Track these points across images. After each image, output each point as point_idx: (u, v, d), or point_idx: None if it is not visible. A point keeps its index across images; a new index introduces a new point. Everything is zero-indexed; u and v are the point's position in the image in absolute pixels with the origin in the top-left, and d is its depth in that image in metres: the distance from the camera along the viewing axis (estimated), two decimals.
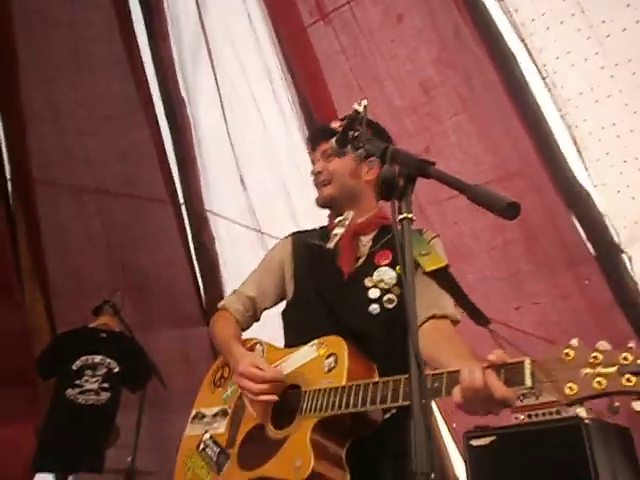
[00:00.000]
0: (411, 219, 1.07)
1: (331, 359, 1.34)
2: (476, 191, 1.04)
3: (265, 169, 4.42)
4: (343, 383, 1.28)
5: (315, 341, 1.40)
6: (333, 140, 1.37)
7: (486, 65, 3.50)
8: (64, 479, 3.52)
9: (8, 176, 4.68)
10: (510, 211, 1.00)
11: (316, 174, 1.64)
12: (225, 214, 4.51)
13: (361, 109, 1.30)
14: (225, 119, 4.54)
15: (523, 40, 3.39)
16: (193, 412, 1.58)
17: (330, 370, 1.33)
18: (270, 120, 4.47)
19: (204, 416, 1.53)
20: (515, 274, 3.60)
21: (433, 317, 1.44)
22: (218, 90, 4.54)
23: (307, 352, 1.40)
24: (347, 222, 1.59)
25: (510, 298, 3.62)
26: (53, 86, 4.50)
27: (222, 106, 4.53)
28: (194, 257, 4.66)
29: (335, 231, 1.59)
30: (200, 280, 4.70)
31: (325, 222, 1.78)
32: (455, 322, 1.46)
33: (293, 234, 1.74)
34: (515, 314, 3.56)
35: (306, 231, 1.78)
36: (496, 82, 3.48)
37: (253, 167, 4.48)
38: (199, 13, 4.50)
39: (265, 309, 1.70)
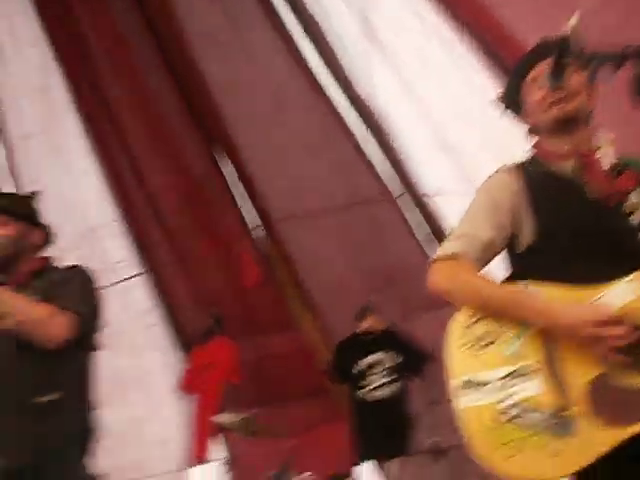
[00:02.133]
0: None
1: None
2: None
3: (462, 131, 4.29)
4: None
5: (632, 276, 1.29)
6: (547, 73, 1.30)
7: None
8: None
9: (258, 222, 5.40)
10: None
11: (558, 89, 1.45)
12: (439, 191, 4.50)
13: (574, 22, 1.19)
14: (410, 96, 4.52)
15: None
16: (458, 382, 1.38)
17: None
18: (455, 80, 4.32)
19: (484, 383, 1.35)
20: None
21: None
22: (393, 70, 4.53)
23: (624, 289, 1.28)
24: (609, 141, 1.47)
25: None
26: (260, 132, 5.02)
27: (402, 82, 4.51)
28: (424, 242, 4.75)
29: (601, 151, 1.46)
30: None
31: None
32: None
33: (510, 168, 1.56)
34: None
35: (518, 165, 1.59)
36: None
37: (451, 133, 4.38)
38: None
39: (497, 253, 1.52)
